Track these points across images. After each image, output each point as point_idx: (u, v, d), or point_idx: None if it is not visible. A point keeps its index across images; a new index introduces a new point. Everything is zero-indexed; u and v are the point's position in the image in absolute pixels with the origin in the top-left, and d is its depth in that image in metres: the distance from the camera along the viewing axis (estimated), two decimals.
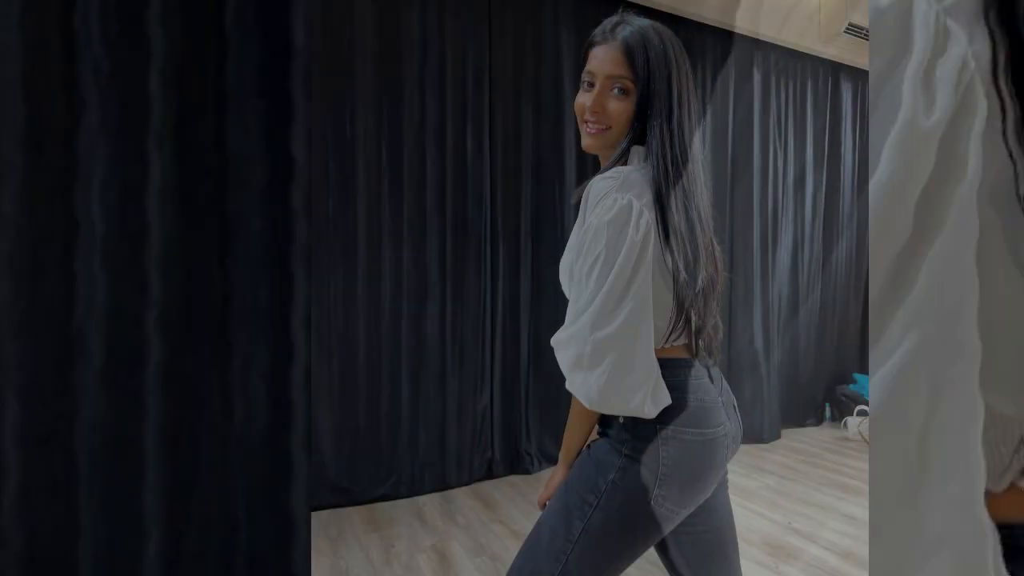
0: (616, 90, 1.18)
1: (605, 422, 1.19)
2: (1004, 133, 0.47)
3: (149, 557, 0.57)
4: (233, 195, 0.57)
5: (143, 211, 0.56)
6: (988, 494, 0.51)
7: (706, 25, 4.58)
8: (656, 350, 1.11)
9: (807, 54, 5.16)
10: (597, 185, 1.11)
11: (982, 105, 0.47)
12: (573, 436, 1.22)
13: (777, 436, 4.99)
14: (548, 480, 1.28)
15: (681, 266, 1.10)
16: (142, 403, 0.57)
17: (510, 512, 3.42)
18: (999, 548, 0.49)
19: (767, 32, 4.70)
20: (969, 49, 0.48)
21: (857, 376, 5.53)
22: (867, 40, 4.93)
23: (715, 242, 1.23)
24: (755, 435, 4.85)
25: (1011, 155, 0.47)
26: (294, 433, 0.57)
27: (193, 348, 0.57)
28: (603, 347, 1.03)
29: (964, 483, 0.49)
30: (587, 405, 1.07)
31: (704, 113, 4.67)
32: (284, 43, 0.55)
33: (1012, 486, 0.52)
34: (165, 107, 0.56)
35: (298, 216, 0.57)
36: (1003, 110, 0.47)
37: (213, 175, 0.56)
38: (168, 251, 0.56)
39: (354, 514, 3.41)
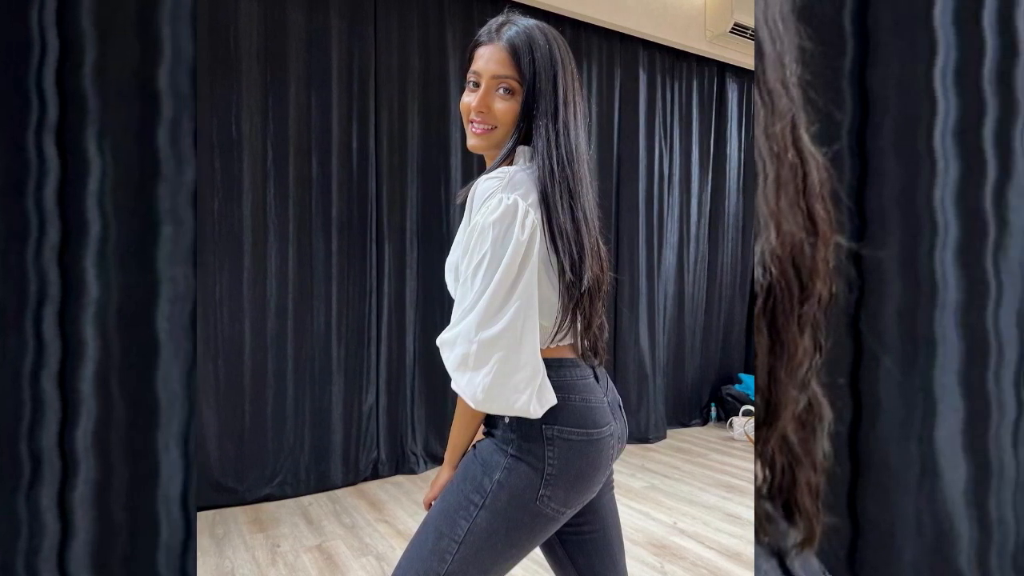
0: (501, 90, 1.21)
1: (491, 422, 1.22)
2: None
3: None
4: None
5: None
6: None
7: (592, 25, 4.71)
8: (542, 350, 1.14)
9: (693, 54, 5.33)
10: (483, 185, 1.13)
11: None
12: (458, 436, 1.24)
13: (663, 436, 5.18)
14: (433, 480, 1.29)
15: (567, 266, 1.14)
16: None
17: (396, 512, 3.46)
18: None
19: (653, 32, 4.86)
20: None
21: (742, 376, 5.76)
22: (752, 40, 5.15)
23: (601, 242, 1.27)
24: (641, 435, 5.03)
25: None
26: None
27: None
28: (488, 347, 1.05)
29: None
30: (472, 405, 1.08)
31: (590, 113, 4.79)
32: None
33: None
34: None
35: None
36: None
37: None
38: None
39: (239, 514, 3.41)
